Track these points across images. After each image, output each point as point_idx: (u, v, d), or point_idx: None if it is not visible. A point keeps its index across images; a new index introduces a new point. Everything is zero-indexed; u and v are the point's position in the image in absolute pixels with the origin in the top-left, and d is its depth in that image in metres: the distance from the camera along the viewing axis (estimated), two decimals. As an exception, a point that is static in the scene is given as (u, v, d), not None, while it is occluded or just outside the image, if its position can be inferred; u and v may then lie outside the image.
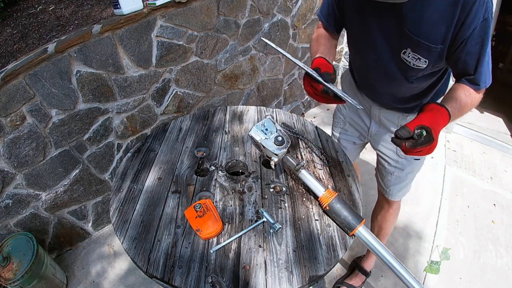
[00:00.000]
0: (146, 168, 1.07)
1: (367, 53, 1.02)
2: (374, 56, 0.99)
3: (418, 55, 0.87)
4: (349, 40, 1.11)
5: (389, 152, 1.28)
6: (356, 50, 1.11)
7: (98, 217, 1.92)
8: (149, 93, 1.80)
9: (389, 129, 1.23)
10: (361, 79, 1.21)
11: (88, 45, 1.46)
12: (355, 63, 1.19)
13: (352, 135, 1.41)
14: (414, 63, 0.89)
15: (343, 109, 1.39)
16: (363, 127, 1.34)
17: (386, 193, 1.41)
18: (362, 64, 1.11)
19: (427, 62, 0.87)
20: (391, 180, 1.34)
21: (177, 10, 1.68)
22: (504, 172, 2.40)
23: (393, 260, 0.80)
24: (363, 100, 1.26)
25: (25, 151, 1.47)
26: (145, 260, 0.78)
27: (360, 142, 1.43)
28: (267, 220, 0.87)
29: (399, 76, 0.98)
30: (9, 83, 1.33)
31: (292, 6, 2.32)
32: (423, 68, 0.89)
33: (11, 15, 1.98)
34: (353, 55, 1.16)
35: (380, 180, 1.41)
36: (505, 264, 1.77)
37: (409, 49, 0.87)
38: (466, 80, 0.87)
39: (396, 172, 1.30)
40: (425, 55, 0.86)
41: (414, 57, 0.88)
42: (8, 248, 1.47)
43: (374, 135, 1.30)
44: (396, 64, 0.95)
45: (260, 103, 2.54)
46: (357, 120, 1.35)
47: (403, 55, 0.90)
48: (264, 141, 0.92)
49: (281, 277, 0.75)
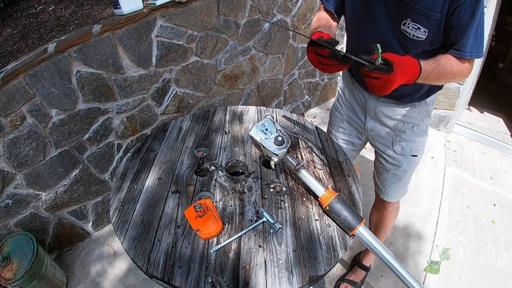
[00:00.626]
0: (146, 168, 1.07)
1: (366, 28, 1.02)
2: (373, 31, 1.00)
3: (418, 24, 0.89)
4: (348, 17, 1.11)
5: (385, 148, 1.28)
6: (354, 27, 1.11)
7: (98, 217, 1.92)
8: (149, 93, 1.80)
9: (385, 124, 1.23)
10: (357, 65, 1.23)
11: (88, 45, 1.46)
12: (352, 43, 1.18)
13: (350, 134, 1.40)
14: (414, 33, 0.91)
15: (340, 107, 1.38)
16: (359, 124, 1.33)
17: (382, 193, 1.40)
18: (360, 42, 1.10)
19: (427, 33, 0.89)
20: (388, 178, 1.34)
21: (177, 10, 1.68)
22: (504, 172, 2.40)
23: (393, 260, 0.80)
24: (359, 94, 1.26)
25: (25, 151, 1.47)
26: (145, 260, 0.78)
27: (358, 142, 1.42)
28: (267, 220, 0.87)
29: (398, 50, 0.98)
30: (9, 83, 1.33)
31: (292, 6, 2.32)
32: (422, 39, 0.91)
33: (11, 15, 1.98)
34: (351, 33, 1.16)
35: (377, 179, 1.41)
36: (505, 264, 1.77)
37: (409, 19, 0.89)
38: (453, 50, 0.90)
39: (392, 169, 1.30)
40: (425, 25, 0.88)
41: (414, 27, 0.90)
42: (8, 248, 1.47)
43: (370, 130, 1.30)
44: (396, 38, 0.96)
45: (260, 103, 2.54)
46: (353, 117, 1.34)
47: (403, 26, 0.92)
48: (264, 141, 0.92)
49: (281, 277, 0.75)
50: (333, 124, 1.46)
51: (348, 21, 1.13)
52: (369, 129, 1.30)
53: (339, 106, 1.40)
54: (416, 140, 1.24)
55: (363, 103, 1.25)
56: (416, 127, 1.21)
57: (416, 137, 1.23)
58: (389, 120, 1.21)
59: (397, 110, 1.18)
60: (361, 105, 1.27)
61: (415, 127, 1.21)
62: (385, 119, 1.22)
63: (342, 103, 1.37)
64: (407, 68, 0.80)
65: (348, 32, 1.17)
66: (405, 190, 1.40)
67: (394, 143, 1.25)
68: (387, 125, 1.23)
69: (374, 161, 1.41)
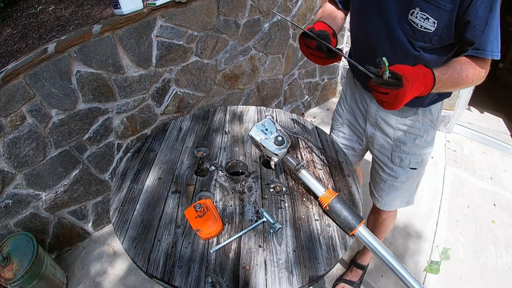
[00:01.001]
0: (146, 168, 1.07)
1: (371, 18, 0.97)
2: (379, 21, 0.94)
3: (426, 14, 0.83)
4: (352, 7, 1.06)
5: (383, 158, 1.23)
6: (357, 17, 1.05)
7: (98, 217, 1.92)
8: (149, 93, 1.80)
9: (385, 133, 1.17)
10: (360, 60, 1.16)
11: (88, 45, 1.46)
12: (356, 35, 1.11)
13: (351, 139, 1.36)
14: (422, 24, 0.85)
15: (341, 110, 1.34)
16: (359, 129, 1.29)
17: (378, 202, 1.35)
18: (364, 34, 1.03)
19: (436, 24, 0.83)
20: (384, 188, 1.29)
21: (177, 10, 1.68)
22: (504, 172, 2.40)
23: (393, 260, 0.80)
24: (360, 97, 1.21)
25: (25, 151, 1.47)
26: (145, 260, 0.78)
27: (359, 148, 1.37)
28: (267, 220, 0.87)
29: (404, 42, 0.92)
30: (9, 83, 1.33)
31: (292, 6, 2.32)
32: (431, 31, 0.85)
33: (11, 15, 1.98)
34: (354, 25, 1.09)
35: (373, 187, 1.36)
36: (505, 264, 1.77)
37: (418, 9, 0.84)
38: (472, 50, 0.82)
39: (389, 180, 1.25)
40: (434, 15, 0.82)
41: (422, 17, 0.84)
42: (8, 248, 1.47)
43: (369, 137, 1.25)
44: (403, 28, 0.90)
45: (260, 103, 2.54)
46: (353, 122, 1.30)
47: (411, 16, 0.86)
48: (264, 141, 0.92)
49: (281, 277, 0.75)
50: (334, 128, 1.42)
51: (352, 12, 1.07)
52: (369, 135, 1.25)
53: (340, 109, 1.35)
54: (417, 152, 1.16)
55: (364, 107, 1.20)
56: (419, 139, 1.14)
57: (418, 149, 1.16)
58: (389, 128, 1.15)
59: (399, 119, 1.12)
60: (361, 110, 1.22)
61: (417, 139, 1.14)
62: (386, 127, 1.16)
63: (344, 107, 1.32)
64: (419, 81, 0.74)
65: (351, 24, 1.11)
66: (407, 200, 1.32)
67: (393, 154, 1.19)
68: (387, 133, 1.17)
69: (371, 169, 1.36)
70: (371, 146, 1.28)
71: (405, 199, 1.32)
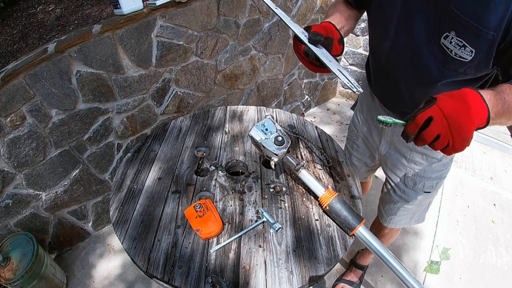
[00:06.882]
0: (146, 168, 1.07)
1: (396, 34, 0.82)
2: (405, 40, 0.80)
3: (463, 41, 0.68)
4: (374, 15, 0.89)
5: (395, 178, 1.14)
6: (381, 30, 0.87)
7: (98, 217, 1.92)
8: (149, 93, 1.80)
9: (400, 152, 1.06)
10: (379, 75, 0.99)
11: (88, 45, 1.46)
12: (374, 49, 0.96)
13: (364, 154, 1.27)
14: (456, 52, 0.70)
15: (357, 121, 1.24)
16: (372, 145, 1.19)
17: (384, 220, 1.28)
18: (385, 51, 0.88)
19: (473, 54, 0.68)
20: (393, 209, 1.20)
21: (177, 10, 1.68)
22: (504, 172, 2.40)
23: (393, 260, 0.79)
24: (376, 112, 1.07)
25: (25, 151, 1.47)
26: (145, 260, 0.78)
27: (371, 163, 1.29)
28: (267, 220, 0.87)
29: (432, 69, 0.78)
30: (9, 83, 1.33)
31: (292, 6, 2.32)
32: (466, 61, 0.70)
33: (11, 15, 1.98)
34: (375, 37, 0.93)
35: (381, 206, 1.28)
36: (505, 264, 1.77)
37: (453, 33, 0.69)
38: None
39: (400, 202, 1.16)
40: (473, 43, 0.67)
41: (458, 43, 0.69)
42: (8, 248, 1.47)
43: (383, 155, 1.15)
44: (433, 53, 0.75)
45: (260, 103, 2.54)
46: (368, 136, 1.20)
47: (444, 40, 0.71)
48: (264, 141, 0.92)
49: (281, 277, 0.75)
50: (349, 139, 1.34)
51: (372, 21, 0.90)
52: (383, 153, 1.15)
53: (356, 120, 1.25)
54: (433, 176, 1.05)
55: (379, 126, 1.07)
56: (436, 163, 1.02)
57: (434, 173, 1.05)
58: (405, 149, 1.05)
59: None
60: (377, 125, 1.10)
61: (434, 163, 1.02)
62: (401, 147, 1.05)
63: (360, 118, 1.22)
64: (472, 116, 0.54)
65: (370, 35, 0.95)
66: (417, 219, 1.23)
67: (407, 176, 1.09)
68: (402, 154, 1.06)
69: (382, 188, 1.27)
70: (383, 164, 1.20)
71: (415, 217, 1.24)
